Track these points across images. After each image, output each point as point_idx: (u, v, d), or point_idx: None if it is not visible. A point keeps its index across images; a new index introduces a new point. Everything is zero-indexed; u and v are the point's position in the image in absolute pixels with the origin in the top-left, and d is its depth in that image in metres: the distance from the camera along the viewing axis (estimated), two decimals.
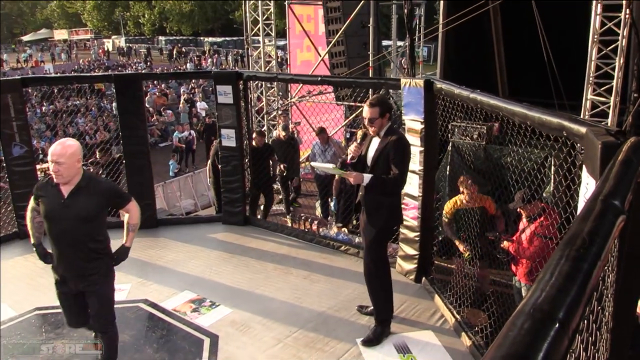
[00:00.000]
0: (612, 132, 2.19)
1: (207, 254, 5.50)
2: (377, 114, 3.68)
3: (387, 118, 3.74)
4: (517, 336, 0.79)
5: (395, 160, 3.64)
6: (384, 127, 3.75)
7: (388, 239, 4.11)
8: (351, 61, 10.53)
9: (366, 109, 3.73)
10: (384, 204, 3.82)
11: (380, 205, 3.81)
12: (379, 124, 3.72)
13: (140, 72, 18.47)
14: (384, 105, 3.74)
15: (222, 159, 6.17)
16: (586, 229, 1.19)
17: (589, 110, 6.44)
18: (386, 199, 3.81)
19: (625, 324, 2.14)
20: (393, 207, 3.89)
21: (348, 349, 3.80)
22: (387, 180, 3.67)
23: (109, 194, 3.31)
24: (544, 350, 0.76)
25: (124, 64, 38.73)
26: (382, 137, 3.75)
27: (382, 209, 3.82)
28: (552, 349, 0.77)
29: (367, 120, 3.73)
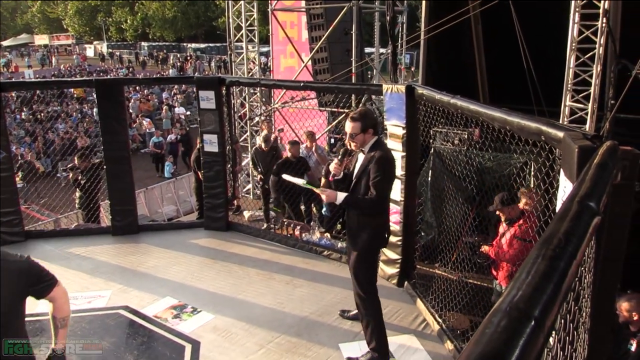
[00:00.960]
0: (589, 136, 2.23)
1: (189, 260, 5.46)
2: (359, 129, 3.49)
3: (371, 133, 3.54)
4: (493, 334, 0.79)
5: (374, 180, 3.44)
6: (367, 143, 3.56)
7: (372, 259, 3.83)
8: (334, 67, 10.56)
9: (348, 124, 3.55)
10: (369, 224, 3.60)
11: (363, 225, 3.61)
12: (361, 140, 3.53)
13: (121, 77, 18.28)
14: (366, 120, 3.51)
15: (205, 165, 6.14)
16: (562, 229, 1.21)
17: (567, 116, 6.54)
18: (371, 220, 3.60)
19: (602, 324, 2.18)
20: (377, 228, 3.66)
21: (331, 354, 3.80)
22: (361, 202, 3.51)
23: (24, 277, 2.35)
24: (520, 348, 0.77)
25: (105, 69, 38.40)
26: (367, 153, 3.57)
27: (366, 229, 3.61)
28: (528, 347, 0.78)
29: (349, 135, 3.55)
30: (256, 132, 9.85)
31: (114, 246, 5.82)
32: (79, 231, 6.33)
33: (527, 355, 0.77)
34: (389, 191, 3.65)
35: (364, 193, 3.51)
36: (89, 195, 6.99)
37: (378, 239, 3.71)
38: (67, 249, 5.71)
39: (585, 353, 1.89)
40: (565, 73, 6.53)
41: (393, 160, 3.64)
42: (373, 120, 3.58)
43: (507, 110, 3.00)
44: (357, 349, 3.84)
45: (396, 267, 4.78)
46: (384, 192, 3.53)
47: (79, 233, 6.22)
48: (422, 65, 9.16)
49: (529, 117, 2.78)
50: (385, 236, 3.78)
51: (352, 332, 4.06)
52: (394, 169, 3.71)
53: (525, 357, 0.77)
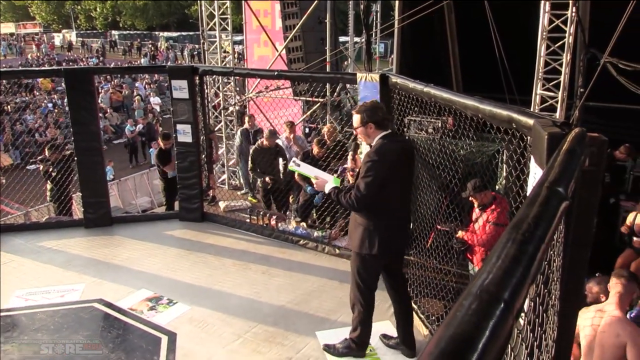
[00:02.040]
0: (558, 123, 2.27)
1: (164, 252, 5.41)
2: (359, 122, 3.39)
3: (373, 128, 3.35)
4: (464, 316, 0.81)
5: (359, 177, 3.29)
6: (371, 137, 3.40)
7: (368, 265, 3.48)
8: (308, 56, 10.53)
9: (353, 117, 3.48)
10: (361, 224, 3.41)
11: (357, 224, 3.45)
12: (363, 133, 3.42)
13: (91, 67, 17.92)
14: (367, 114, 3.36)
15: (178, 155, 6.07)
16: (532, 213, 1.24)
17: (538, 104, 6.66)
18: (363, 220, 3.40)
19: (571, 307, 2.23)
20: (371, 230, 3.37)
21: (308, 342, 3.82)
22: (342, 197, 3.33)
23: None
24: (490, 329, 0.79)
25: (75, 58, 37.50)
26: (371, 147, 3.43)
27: (358, 229, 3.44)
28: (498, 328, 0.80)
29: (354, 128, 3.49)
30: (230, 121, 9.77)
31: (86, 239, 5.73)
32: (50, 224, 6.21)
33: (496, 337, 0.79)
34: (372, 192, 3.26)
35: (351, 189, 3.37)
36: (60, 187, 6.85)
37: (372, 243, 3.38)
38: (38, 242, 5.60)
39: (554, 334, 1.94)
40: (536, 62, 6.64)
41: (384, 158, 3.32)
42: (374, 114, 3.37)
43: (479, 99, 3.04)
44: (333, 336, 3.87)
45: None
46: (365, 190, 3.23)
47: (50, 226, 6.10)
48: (396, 54, 9.20)
49: (500, 105, 2.82)
50: (381, 244, 3.37)
51: (329, 320, 4.10)
52: (385, 168, 3.32)
53: (495, 338, 0.78)
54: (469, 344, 0.75)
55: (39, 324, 4.07)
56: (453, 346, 0.75)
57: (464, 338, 0.76)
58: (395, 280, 3.71)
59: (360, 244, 3.42)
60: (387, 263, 3.59)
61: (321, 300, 4.40)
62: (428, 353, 0.73)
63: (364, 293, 3.52)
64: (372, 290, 3.57)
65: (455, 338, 0.76)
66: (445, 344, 0.75)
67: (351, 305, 3.64)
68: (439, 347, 0.74)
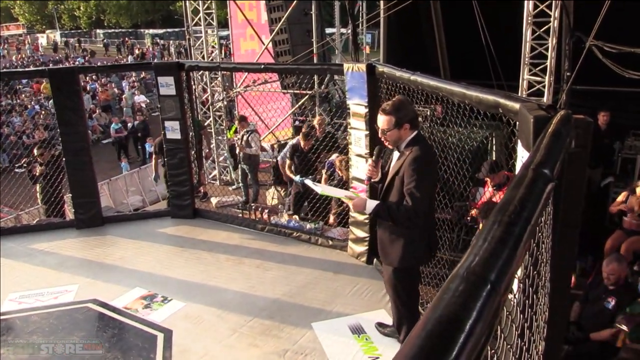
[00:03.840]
0: (544, 106, 2.29)
1: (156, 249, 5.40)
2: (392, 124, 3.01)
3: (407, 128, 3.04)
4: (451, 298, 0.82)
5: (408, 186, 2.95)
6: (403, 140, 3.06)
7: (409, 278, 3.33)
8: (295, 49, 10.48)
9: (379, 117, 3.08)
10: (402, 236, 3.14)
11: (395, 237, 3.17)
12: (395, 136, 3.04)
13: (76, 66, 17.73)
14: (401, 113, 3.00)
15: (168, 152, 6.04)
16: (518, 196, 1.25)
17: (525, 89, 6.68)
18: (404, 231, 3.12)
19: (561, 288, 2.26)
20: (413, 242, 3.15)
21: (304, 333, 3.83)
22: (395, 213, 2.99)
23: None
24: (477, 310, 0.80)
25: (60, 59, 37.13)
26: (402, 151, 3.09)
27: (397, 242, 3.17)
28: (484, 308, 0.81)
29: (380, 130, 3.09)
30: (219, 117, 9.73)
31: (78, 240, 5.70)
32: (41, 226, 6.17)
33: (483, 317, 0.80)
34: (426, 199, 3.04)
35: (398, 200, 3.04)
36: (50, 188, 6.80)
37: (413, 254, 3.20)
38: (29, 245, 5.57)
39: (545, 316, 1.96)
40: (522, 47, 6.65)
41: (433, 160, 3.17)
42: (409, 114, 3.05)
43: (466, 85, 3.05)
44: (329, 327, 3.89)
45: (364, 245, 4.83)
46: (420, 200, 2.95)
47: (42, 228, 6.06)
48: (382, 43, 9.19)
49: (486, 90, 2.83)
50: (425, 251, 3.26)
51: (324, 311, 4.11)
52: (432, 171, 3.17)
53: (482, 318, 0.79)
54: (457, 325, 0.76)
55: (34, 327, 4.05)
56: (440, 327, 0.75)
57: (451, 319, 0.77)
58: None
59: (402, 257, 3.17)
60: None
61: (316, 291, 4.41)
62: (416, 335, 0.74)
63: (412, 307, 3.36)
64: (418, 301, 3.40)
65: (442, 319, 0.77)
66: (433, 326, 0.76)
67: (397, 324, 3.52)
68: (427, 329, 0.75)
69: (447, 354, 0.71)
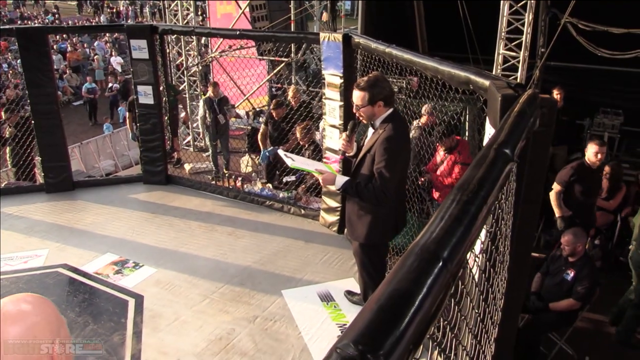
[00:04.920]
0: (512, 85, 2.33)
1: (128, 215, 5.38)
2: (366, 100, 3.00)
3: (381, 105, 3.03)
4: (404, 274, 0.86)
5: (377, 165, 2.96)
6: (377, 117, 3.06)
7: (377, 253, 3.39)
8: (272, 15, 10.32)
9: (354, 93, 3.06)
10: (369, 213, 3.16)
11: (362, 214, 3.19)
12: (369, 113, 3.04)
13: (45, 26, 17.12)
14: (375, 90, 2.99)
15: (140, 117, 5.96)
16: (477, 175, 1.30)
17: (500, 64, 6.73)
18: (372, 208, 3.13)
19: (522, 262, 2.35)
20: (380, 218, 3.17)
21: (274, 300, 3.91)
22: (362, 191, 3.00)
23: None
24: (427, 285, 0.84)
25: (29, 16, 35.72)
26: (376, 129, 3.08)
27: (364, 218, 3.19)
28: (434, 284, 0.86)
29: (355, 106, 3.09)
30: (194, 82, 9.58)
31: (48, 204, 5.64)
32: (10, 190, 6.06)
33: (433, 292, 0.85)
34: (396, 179, 3.02)
35: (367, 178, 3.04)
36: (20, 150, 6.64)
37: (380, 231, 3.24)
38: None
39: (503, 287, 2.05)
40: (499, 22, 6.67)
41: (404, 140, 3.12)
42: (384, 91, 3.02)
43: (439, 60, 3.07)
44: (299, 294, 3.97)
45: (336, 215, 4.89)
46: (389, 181, 2.94)
47: (10, 192, 5.96)
48: (361, 12, 9.11)
49: (458, 66, 2.86)
50: (392, 228, 3.29)
51: (294, 279, 4.18)
52: (405, 151, 3.15)
53: (431, 293, 0.84)
54: (407, 300, 0.81)
55: (3, 291, 4.02)
56: (391, 302, 0.80)
57: (401, 294, 0.81)
58: None
59: (368, 233, 3.21)
60: None
61: (287, 260, 4.48)
62: (368, 309, 0.78)
63: (379, 280, 3.31)
64: (384, 274, 3.39)
65: (393, 294, 0.81)
66: (385, 300, 0.80)
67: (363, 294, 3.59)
68: (379, 303, 0.79)
69: (396, 327, 0.75)
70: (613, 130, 7.53)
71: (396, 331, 0.74)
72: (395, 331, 0.74)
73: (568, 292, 4.22)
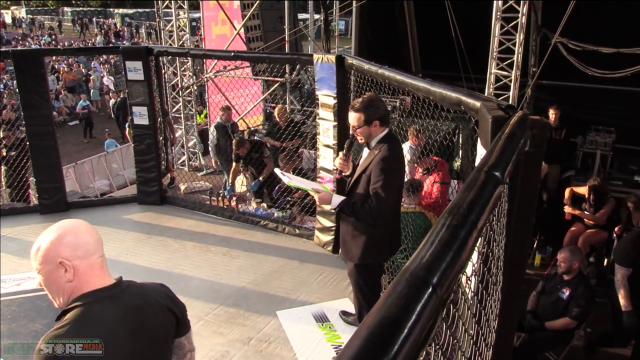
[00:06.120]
0: (503, 106, 2.36)
1: (122, 236, 5.36)
2: (362, 121, 3.03)
3: (377, 125, 3.06)
4: (393, 300, 0.87)
5: (374, 185, 2.98)
6: (373, 137, 3.09)
7: (371, 273, 3.39)
8: (267, 35, 10.42)
9: (350, 114, 3.10)
10: (364, 234, 3.16)
11: (357, 234, 3.19)
12: (366, 133, 3.07)
13: (40, 48, 17.24)
14: (370, 110, 3.01)
15: (135, 138, 5.98)
16: (467, 198, 1.31)
17: (493, 83, 6.80)
18: (367, 229, 3.13)
19: (515, 281, 2.35)
20: (375, 240, 3.17)
21: (268, 321, 3.89)
22: (358, 211, 3.01)
23: None
24: (416, 312, 0.85)
25: (27, 35, 35.92)
26: (372, 149, 3.11)
27: (359, 239, 3.19)
28: (424, 310, 0.86)
29: (351, 127, 3.11)
30: (189, 102, 9.63)
31: (42, 225, 5.59)
32: (4, 211, 6.04)
33: (423, 318, 0.85)
34: (392, 199, 3.08)
35: (363, 197, 3.06)
36: (13, 172, 6.62)
37: (374, 252, 3.24)
38: None
39: (497, 308, 2.05)
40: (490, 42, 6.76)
41: (400, 160, 3.17)
42: (379, 111, 3.05)
43: (431, 81, 3.10)
44: (294, 315, 3.95)
45: (330, 235, 4.90)
46: (385, 201, 2.97)
47: (4, 213, 5.93)
48: (354, 32, 9.19)
49: (450, 87, 2.89)
50: (386, 249, 3.32)
51: (289, 299, 4.17)
52: (400, 171, 3.20)
53: (420, 320, 0.84)
54: (396, 327, 0.81)
55: None
56: (381, 328, 0.80)
57: (391, 321, 0.82)
58: None
59: (363, 254, 3.21)
60: None
61: (281, 280, 4.47)
62: (357, 336, 0.79)
63: (373, 300, 3.20)
64: (379, 294, 3.36)
65: (383, 321, 0.82)
66: (374, 327, 0.81)
67: (358, 315, 3.61)
68: (368, 330, 0.80)
69: (385, 354, 0.76)
70: (605, 148, 7.59)
71: (386, 359, 0.75)
72: (385, 359, 0.75)
73: (564, 310, 4.21)
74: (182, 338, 1.98)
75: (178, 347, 1.97)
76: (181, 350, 1.99)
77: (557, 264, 4.34)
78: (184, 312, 1.95)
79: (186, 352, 2.02)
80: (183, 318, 1.94)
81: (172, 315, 1.85)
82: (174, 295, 1.95)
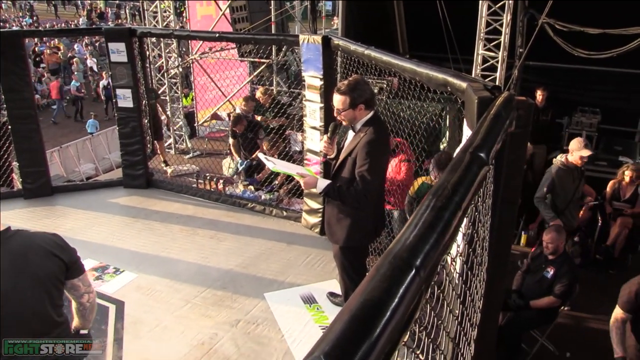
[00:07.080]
0: (489, 87, 2.35)
1: (108, 220, 5.32)
2: (347, 104, 2.99)
3: (362, 109, 3.03)
4: (377, 282, 0.86)
5: (359, 169, 2.98)
6: (358, 120, 3.06)
7: (357, 255, 3.39)
8: (253, 16, 10.26)
9: (334, 96, 3.06)
10: (349, 216, 3.16)
11: (342, 217, 3.19)
12: (351, 116, 3.04)
13: (21, 29, 16.86)
14: (356, 93, 2.98)
15: (120, 121, 5.90)
16: (452, 180, 1.30)
17: (480, 64, 6.78)
18: (352, 211, 3.13)
19: (500, 261, 2.37)
20: (359, 222, 3.18)
21: (256, 303, 3.90)
22: (344, 194, 3.01)
23: None
24: (399, 294, 0.84)
25: (6, 18, 35.12)
26: (357, 132, 3.09)
27: (344, 221, 3.19)
28: (407, 292, 0.86)
29: (336, 110, 3.08)
30: (175, 84, 9.51)
31: (26, 210, 5.55)
32: None
33: (405, 301, 0.85)
34: (377, 182, 3.11)
35: (348, 181, 3.05)
36: None
37: (359, 234, 3.25)
38: None
39: (482, 288, 2.07)
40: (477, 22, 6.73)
41: (385, 143, 3.16)
42: (365, 94, 3.01)
43: (417, 62, 3.09)
44: (281, 297, 3.97)
45: (318, 217, 4.90)
46: (371, 184, 2.99)
47: None
48: (341, 13, 9.11)
49: (436, 68, 2.88)
50: (371, 231, 3.33)
51: (277, 282, 4.18)
52: (385, 155, 3.22)
53: (403, 302, 0.84)
54: (379, 309, 0.81)
55: None
56: (363, 312, 0.80)
57: (373, 304, 0.81)
58: None
59: (348, 236, 3.21)
60: None
61: (269, 262, 4.47)
62: (339, 319, 0.78)
63: (359, 281, 3.32)
64: (364, 275, 3.41)
65: (365, 304, 0.81)
66: (356, 310, 0.80)
67: (344, 296, 3.60)
68: (350, 313, 0.79)
69: (367, 337, 0.75)
70: (591, 128, 7.64)
71: (368, 341, 0.74)
72: (367, 341, 0.74)
73: (548, 289, 4.26)
74: (76, 280, 2.21)
75: (73, 288, 2.23)
76: (77, 292, 2.25)
77: (544, 245, 4.37)
78: (73, 257, 2.19)
79: (82, 293, 2.27)
80: (73, 263, 2.19)
81: (58, 260, 2.10)
82: (65, 243, 2.20)
